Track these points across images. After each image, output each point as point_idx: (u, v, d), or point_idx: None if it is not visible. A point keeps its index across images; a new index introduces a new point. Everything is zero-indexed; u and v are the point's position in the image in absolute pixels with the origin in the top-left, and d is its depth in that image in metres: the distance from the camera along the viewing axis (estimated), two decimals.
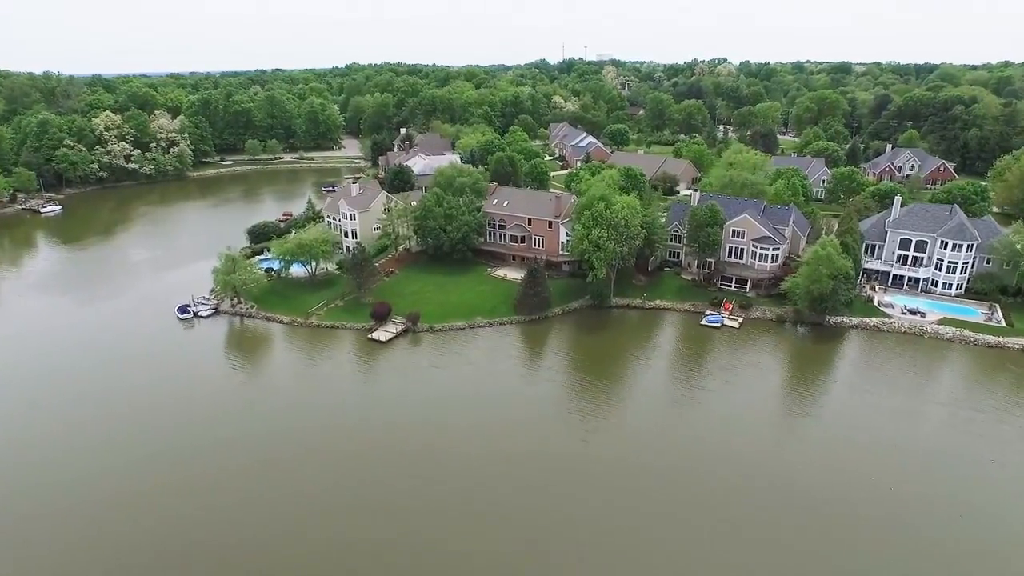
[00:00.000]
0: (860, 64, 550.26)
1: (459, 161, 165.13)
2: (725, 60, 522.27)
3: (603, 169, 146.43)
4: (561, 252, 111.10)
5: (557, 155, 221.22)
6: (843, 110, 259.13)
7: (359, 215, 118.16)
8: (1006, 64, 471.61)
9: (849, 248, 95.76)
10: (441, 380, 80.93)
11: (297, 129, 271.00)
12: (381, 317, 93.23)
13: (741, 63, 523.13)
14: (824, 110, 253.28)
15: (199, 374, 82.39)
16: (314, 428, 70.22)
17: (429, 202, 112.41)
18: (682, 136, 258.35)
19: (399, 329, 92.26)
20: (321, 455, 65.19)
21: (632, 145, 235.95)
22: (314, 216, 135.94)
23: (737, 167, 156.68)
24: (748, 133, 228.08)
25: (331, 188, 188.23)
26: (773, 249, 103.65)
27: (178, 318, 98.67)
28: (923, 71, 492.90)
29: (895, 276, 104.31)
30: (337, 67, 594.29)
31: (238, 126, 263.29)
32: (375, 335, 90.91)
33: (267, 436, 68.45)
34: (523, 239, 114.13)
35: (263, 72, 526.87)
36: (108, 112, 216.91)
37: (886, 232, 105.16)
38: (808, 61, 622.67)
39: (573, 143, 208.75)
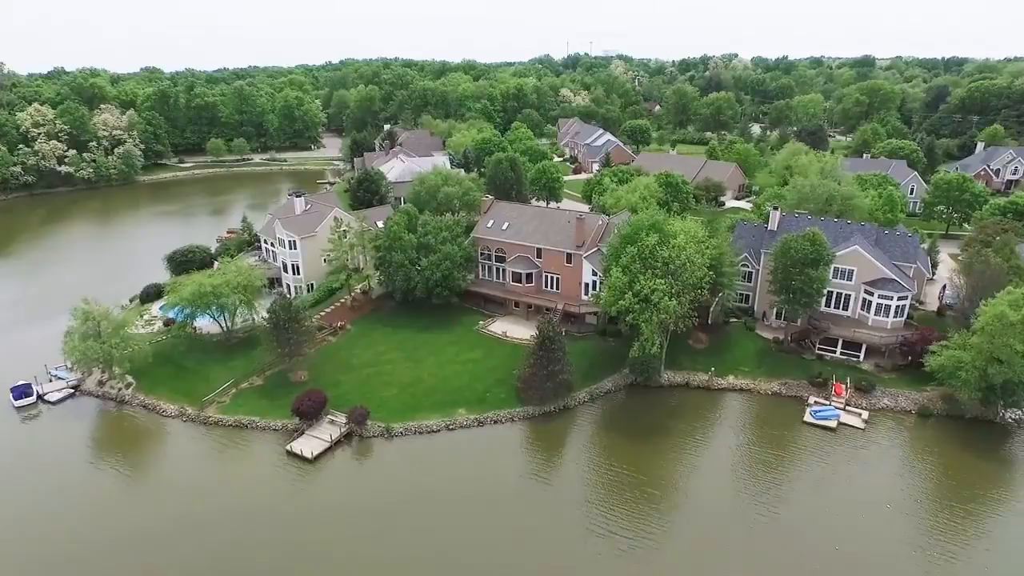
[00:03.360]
0: (882, 59, 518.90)
1: (447, 164, 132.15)
2: (736, 55, 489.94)
3: (632, 176, 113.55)
4: (585, 298, 77.93)
5: (568, 156, 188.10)
6: (895, 103, 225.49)
7: (301, 242, 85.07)
8: None
9: None
10: (397, 540, 47.88)
11: (269, 126, 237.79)
12: (308, 415, 60.12)
13: (754, 58, 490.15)
14: (876, 104, 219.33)
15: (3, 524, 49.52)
16: None
17: (396, 226, 79.20)
18: (709, 134, 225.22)
19: (337, 434, 59.13)
20: None
21: (655, 144, 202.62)
22: (250, 240, 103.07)
23: (800, 171, 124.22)
24: (793, 130, 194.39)
25: (297, 195, 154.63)
26: (899, 298, 70.35)
27: (13, 405, 65.74)
28: (952, 64, 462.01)
29: None
30: (330, 62, 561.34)
31: (202, 123, 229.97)
32: (297, 446, 57.72)
33: None
34: (530, 278, 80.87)
35: (256, 68, 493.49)
36: (37, 105, 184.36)
37: None
38: (823, 56, 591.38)
39: (587, 142, 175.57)
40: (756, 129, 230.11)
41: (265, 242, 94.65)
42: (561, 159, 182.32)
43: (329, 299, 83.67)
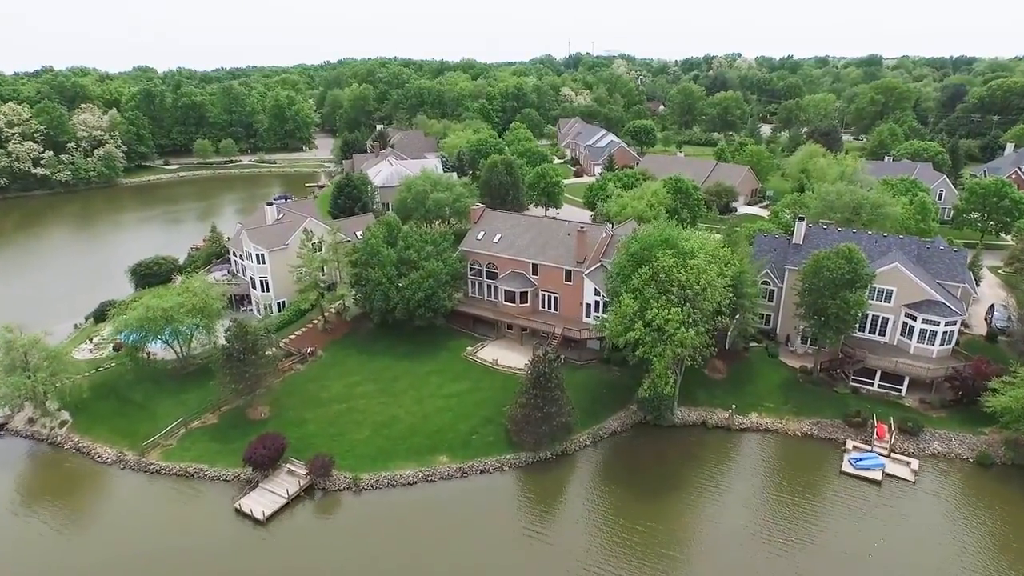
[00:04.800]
0: (888, 58, 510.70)
1: (439, 167, 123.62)
2: (740, 55, 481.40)
3: (639, 180, 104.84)
4: (587, 320, 69.15)
5: (569, 157, 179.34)
6: (911, 103, 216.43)
7: (270, 255, 76.28)
8: None
9: None
10: None
11: (259, 126, 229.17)
12: (263, 464, 51.39)
13: (758, 57, 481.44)
14: (891, 103, 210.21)
15: None
16: None
17: (373, 239, 70.45)
18: (716, 134, 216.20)
19: (296, 488, 50.40)
20: None
21: (660, 145, 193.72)
22: (219, 252, 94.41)
23: (817, 175, 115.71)
24: (804, 131, 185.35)
25: (281, 199, 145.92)
26: (947, 323, 61.46)
27: None
28: (961, 63, 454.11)
29: None
30: (328, 62, 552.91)
31: (189, 123, 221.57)
32: (247, 504, 48.98)
33: None
34: (525, 297, 72.06)
35: (254, 68, 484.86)
36: (12, 104, 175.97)
37: None
38: (828, 56, 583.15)
39: (589, 143, 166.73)
40: (765, 130, 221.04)
41: (234, 255, 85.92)
42: (562, 161, 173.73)
43: (300, 320, 74.97)
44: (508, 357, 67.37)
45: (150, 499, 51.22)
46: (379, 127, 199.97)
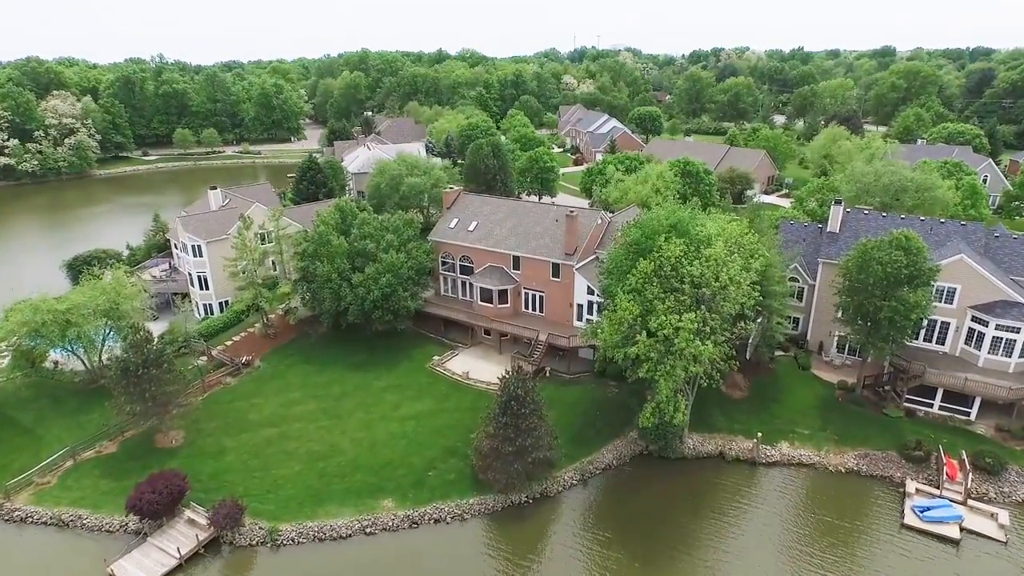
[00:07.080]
0: (902, 50, 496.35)
1: (422, 152, 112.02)
2: (748, 48, 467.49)
3: (643, 164, 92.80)
4: (578, 324, 57.25)
5: (569, 146, 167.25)
6: (936, 88, 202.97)
7: (208, 247, 64.77)
8: None
9: None
10: None
11: (245, 116, 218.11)
12: (152, 512, 39.72)
13: (767, 50, 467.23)
14: (915, 88, 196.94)
15: None
16: None
17: (323, 226, 58.74)
18: (727, 123, 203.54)
19: (191, 544, 38.83)
20: None
21: (666, 135, 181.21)
22: (162, 245, 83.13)
23: (843, 161, 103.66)
24: (821, 118, 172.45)
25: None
26: None
27: None
28: (978, 54, 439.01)
29: None
30: (328, 55, 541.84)
31: (171, 112, 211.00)
32: (121, 567, 37.45)
33: None
34: (504, 297, 60.16)
35: (255, 62, 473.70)
36: None
37: None
38: (840, 49, 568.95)
39: (590, 129, 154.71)
40: (779, 120, 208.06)
41: (175, 247, 74.61)
42: (561, 150, 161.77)
43: (242, 324, 63.44)
44: (482, 369, 55.63)
45: (5, 559, 39.76)
46: (366, 114, 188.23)
